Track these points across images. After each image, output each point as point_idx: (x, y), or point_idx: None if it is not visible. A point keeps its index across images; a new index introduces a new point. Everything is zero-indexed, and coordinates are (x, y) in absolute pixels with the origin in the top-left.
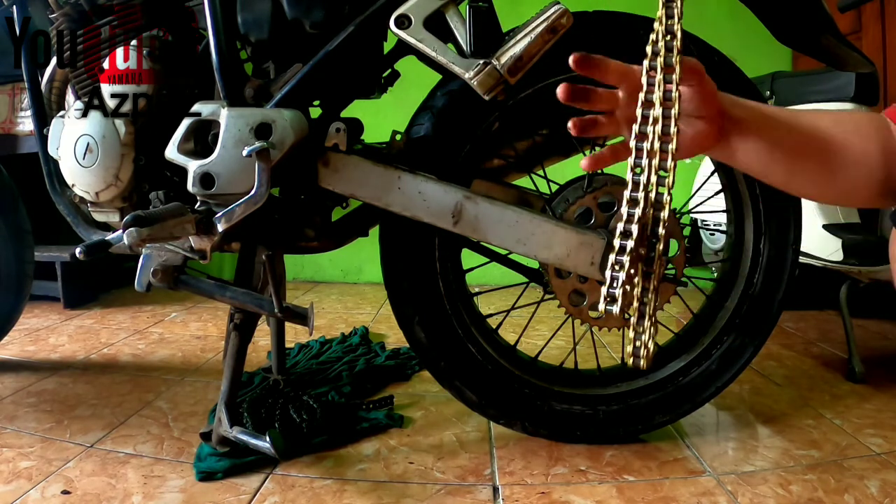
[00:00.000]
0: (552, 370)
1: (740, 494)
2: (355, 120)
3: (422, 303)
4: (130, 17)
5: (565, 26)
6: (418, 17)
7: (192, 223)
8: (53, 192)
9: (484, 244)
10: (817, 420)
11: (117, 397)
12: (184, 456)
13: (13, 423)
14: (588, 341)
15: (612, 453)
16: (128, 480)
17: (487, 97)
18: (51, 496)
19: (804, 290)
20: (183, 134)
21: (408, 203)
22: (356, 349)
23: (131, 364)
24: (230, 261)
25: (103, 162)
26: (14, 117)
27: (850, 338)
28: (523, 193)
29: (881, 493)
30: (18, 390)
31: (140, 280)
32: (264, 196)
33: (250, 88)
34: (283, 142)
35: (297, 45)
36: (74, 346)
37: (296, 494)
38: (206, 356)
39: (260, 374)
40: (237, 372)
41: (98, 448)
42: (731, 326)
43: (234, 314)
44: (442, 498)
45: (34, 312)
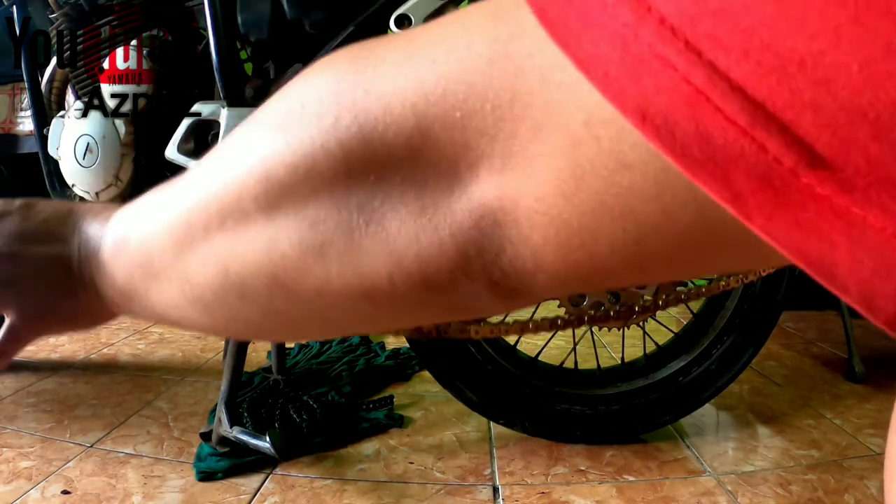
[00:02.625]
0: (552, 370)
1: (740, 494)
2: None
3: None
4: (130, 17)
5: None
6: (418, 17)
7: None
8: (53, 192)
9: None
10: (817, 420)
11: (117, 397)
12: (184, 456)
13: (13, 423)
14: (588, 341)
15: (612, 453)
16: (128, 480)
17: None
18: (51, 496)
19: (804, 290)
20: (183, 134)
21: None
22: (356, 349)
23: (131, 364)
24: None
25: (103, 162)
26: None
27: (850, 338)
28: None
29: (881, 494)
30: (18, 390)
31: None
32: None
33: (250, 88)
34: None
35: (297, 45)
36: (74, 346)
37: (296, 494)
38: (206, 356)
39: (260, 374)
40: (237, 372)
41: (98, 448)
42: (731, 326)
43: None
44: (442, 498)
45: None
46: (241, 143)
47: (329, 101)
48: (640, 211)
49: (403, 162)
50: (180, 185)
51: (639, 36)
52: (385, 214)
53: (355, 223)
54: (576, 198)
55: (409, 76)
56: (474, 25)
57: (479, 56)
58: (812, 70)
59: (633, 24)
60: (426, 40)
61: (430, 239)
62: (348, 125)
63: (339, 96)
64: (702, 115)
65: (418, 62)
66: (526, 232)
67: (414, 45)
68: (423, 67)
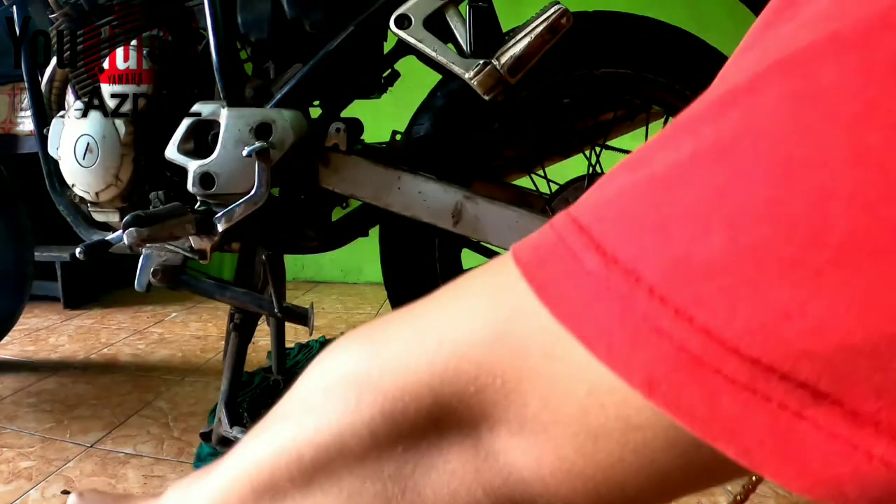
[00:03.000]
0: None
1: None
2: (355, 120)
3: None
4: (130, 17)
5: (565, 26)
6: (418, 17)
7: (192, 223)
8: (53, 192)
9: (484, 244)
10: None
11: (117, 397)
12: (184, 456)
13: (13, 423)
14: None
15: None
16: (128, 480)
17: (487, 97)
18: (51, 496)
19: None
20: (183, 134)
21: (408, 203)
22: None
23: (131, 364)
24: (230, 261)
25: (103, 162)
26: (14, 117)
27: None
28: (523, 193)
29: None
30: (18, 390)
31: (140, 280)
32: (264, 196)
33: (250, 88)
34: (283, 142)
35: (297, 45)
36: (74, 346)
37: None
38: (206, 356)
39: (260, 374)
40: (237, 372)
41: (98, 448)
42: None
43: (234, 314)
44: None
45: (34, 312)
46: (271, 427)
47: (349, 383)
48: (660, 459)
49: (427, 432)
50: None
51: (634, 308)
52: (418, 481)
53: (391, 493)
54: (596, 456)
55: (420, 358)
56: (476, 304)
57: (484, 337)
58: (799, 321)
59: (627, 295)
60: (429, 322)
61: (466, 500)
62: (370, 405)
63: (358, 377)
64: (703, 378)
65: (426, 343)
66: (553, 488)
67: (420, 324)
68: (431, 349)
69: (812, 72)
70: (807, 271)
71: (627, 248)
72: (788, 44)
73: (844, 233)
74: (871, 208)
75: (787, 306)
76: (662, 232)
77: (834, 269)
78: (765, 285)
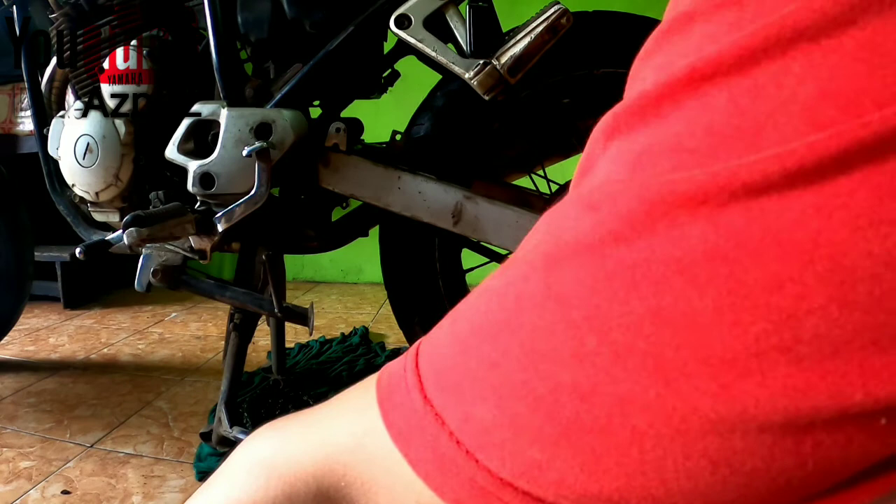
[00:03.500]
0: None
1: None
2: (355, 120)
3: (422, 303)
4: (130, 17)
5: (565, 26)
6: (418, 17)
7: (192, 223)
8: (53, 192)
9: (484, 244)
10: None
11: (117, 397)
12: (184, 456)
13: (13, 423)
14: None
15: None
16: (128, 480)
17: (487, 97)
18: (51, 496)
19: None
20: (183, 134)
21: (408, 203)
22: (356, 349)
23: (131, 364)
24: (230, 261)
25: (103, 162)
26: (14, 117)
27: None
28: (523, 193)
29: None
30: (18, 390)
31: (140, 280)
32: (264, 196)
33: (250, 88)
34: (283, 142)
35: (297, 45)
36: (74, 346)
37: None
38: (206, 356)
39: (260, 374)
40: (237, 372)
41: (98, 448)
42: None
43: (234, 314)
44: None
45: (34, 312)
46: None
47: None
48: None
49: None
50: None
51: (440, 444)
52: None
53: None
54: None
55: (307, 455)
56: (348, 416)
57: (349, 445)
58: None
59: (437, 434)
60: (319, 425)
61: None
62: (275, 486)
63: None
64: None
65: (313, 443)
66: None
67: (313, 426)
68: (317, 448)
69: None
70: (547, 440)
71: (439, 396)
72: None
73: (571, 412)
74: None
75: (539, 461)
76: (458, 389)
77: (566, 440)
78: (522, 444)
